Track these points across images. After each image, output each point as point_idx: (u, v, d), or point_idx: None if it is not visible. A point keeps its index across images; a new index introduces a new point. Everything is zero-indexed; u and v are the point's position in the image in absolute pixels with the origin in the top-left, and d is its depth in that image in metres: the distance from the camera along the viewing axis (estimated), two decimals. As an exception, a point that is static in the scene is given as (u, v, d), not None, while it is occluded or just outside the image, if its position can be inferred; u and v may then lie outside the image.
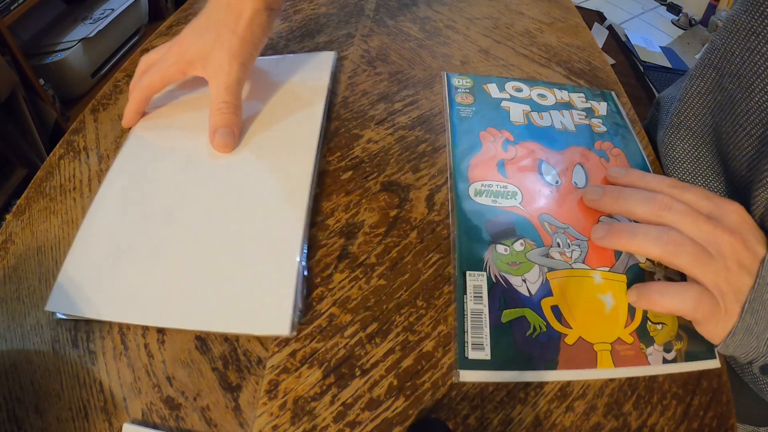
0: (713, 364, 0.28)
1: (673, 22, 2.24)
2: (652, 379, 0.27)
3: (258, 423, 0.25)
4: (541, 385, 0.27)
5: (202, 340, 0.28)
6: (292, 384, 0.26)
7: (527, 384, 0.27)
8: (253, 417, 0.25)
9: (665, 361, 0.27)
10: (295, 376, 0.27)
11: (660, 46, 2.02)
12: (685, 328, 0.29)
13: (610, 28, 2.02)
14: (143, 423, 0.25)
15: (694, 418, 0.26)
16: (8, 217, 0.34)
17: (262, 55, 0.47)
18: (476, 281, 0.30)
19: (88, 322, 0.28)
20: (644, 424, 0.26)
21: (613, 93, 0.44)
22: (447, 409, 0.26)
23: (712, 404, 0.27)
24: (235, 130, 0.36)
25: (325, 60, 0.45)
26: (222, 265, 0.30)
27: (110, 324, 0.28)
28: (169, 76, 0.37)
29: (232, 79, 0.35)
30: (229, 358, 0.27)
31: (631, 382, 0.27)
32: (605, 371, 0.27)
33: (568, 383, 0.27)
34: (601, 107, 0.42)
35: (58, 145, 0.39)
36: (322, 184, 0.36)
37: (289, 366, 0.27)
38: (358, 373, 0.27)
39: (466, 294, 0.29)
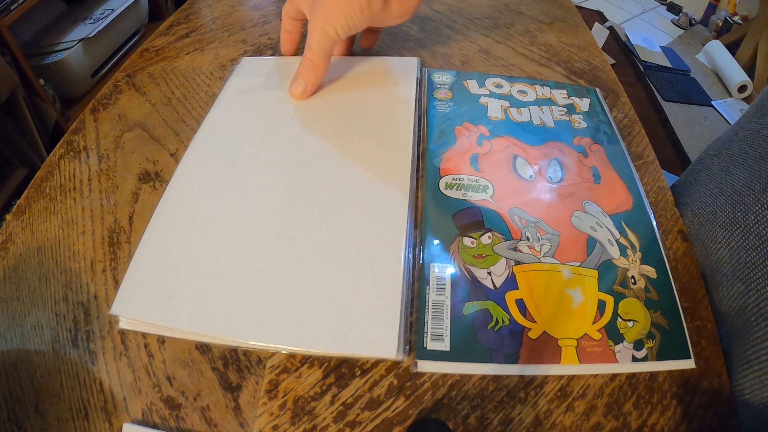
0: (688, 364, 0.27)
1: (673, 22, 2.24)
2: (653, 378, 0.27)
3: (258, 423, 0.25)
4: (541, 384, 0.27)
5: (202, 340, 0.28)
6: (292, 384, 0.26)
7: (527, 384, 0.27)
8: (253, 417, 0.25)
9: (635, 359, 0.27)
10: (295, 376, 0.27)
11: (660, 46, 2.02)
12: (658, 326, 0.28)
13: (610, 28, 2.02)
14: (143, 423, 0.25)
15: (694, 418, 0.26)
16: (8, 217, 0.34)
17: (260, 54, 0.47)
18: (440, 273, 0.30)
19: (89, 321, 0.28)
20: (644, 424, 0.26)
21: (597, 89, 0.44)
22: (447, 409, 0.26)
23: (712, 404, 0.27)
24: (308, 85, 0.39)
25: (409, 67, 0.43)
26: (317, 276, 0.28)
27: (110, 324, 0.28)
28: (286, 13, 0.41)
29: (326, 39, 0.37)
30: (229, 358, 0.27)
31: (632, 381, 0.27)
32: (569, 367, 0.27)
33: (569, 383, 0.27)
34: (583, 103, 0.42)
35: (58, 145, 0.39)
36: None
37: (289, 366, 0.27)
38: (358, 373, 0.27)
39: (428, 285, 0.29)
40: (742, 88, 1.78)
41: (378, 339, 0.26)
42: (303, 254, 0.29)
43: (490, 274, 0.30)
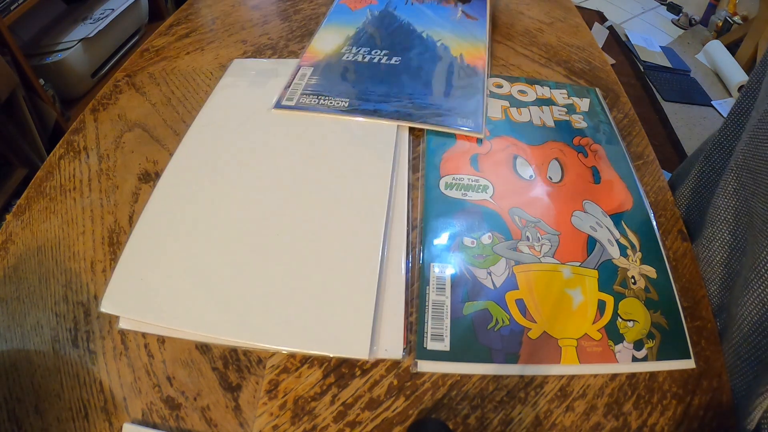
0: (688, 364, 0.27)
1: (673, 22, 2.24)
2: (653, 378, 0.27)
3: (258, 423, 0.25)
4: (541, 384, 0.27)
5: (202, 340, 0.28)
6: (292, 384, 0.26)
7: (527, 384, 0.27)
8: (253, 417, 0.25)
9: (635, 359, 0.27)
10: (295, 376, 0.27)
11: (660, 46, 2.02)
12: (658, 326, 0.28)
13: (610, 28, 2.02)
14: (143, 423, 0.25)
15: (694, 418, 0.26)
16: (8, 217, 0.34)
17: (262, 56, 0.47)
18: (440, 273, 0.30)
19: (89, 321, 0.28)
20: (644, 424, 0.26)
21: (596, 90, 0.44)
22: (447, 409, 0.26)
23: (712, 404, 0.27)
24: None
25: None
26: (298, 276, 0.29)
27: (110, 324, 0.28)
28: None
29: None
30: (229, 358, 0.27)
31: (632, 381, 0.27)
32: (569, 367, 0.27)
33: (569, 383, 0.27)
34: (583, 104, 0.42)
35: (58, 145, 0.39)
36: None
37: (289, 366, 0.27)
38: (358, 373, 0.27)
39: (428, 285, 0.29)
40: (742, 88, 1.78)
41: (350, 340, 0.27)
42: (282, 258, 0.30)
43: (490, 274, 0.30)
